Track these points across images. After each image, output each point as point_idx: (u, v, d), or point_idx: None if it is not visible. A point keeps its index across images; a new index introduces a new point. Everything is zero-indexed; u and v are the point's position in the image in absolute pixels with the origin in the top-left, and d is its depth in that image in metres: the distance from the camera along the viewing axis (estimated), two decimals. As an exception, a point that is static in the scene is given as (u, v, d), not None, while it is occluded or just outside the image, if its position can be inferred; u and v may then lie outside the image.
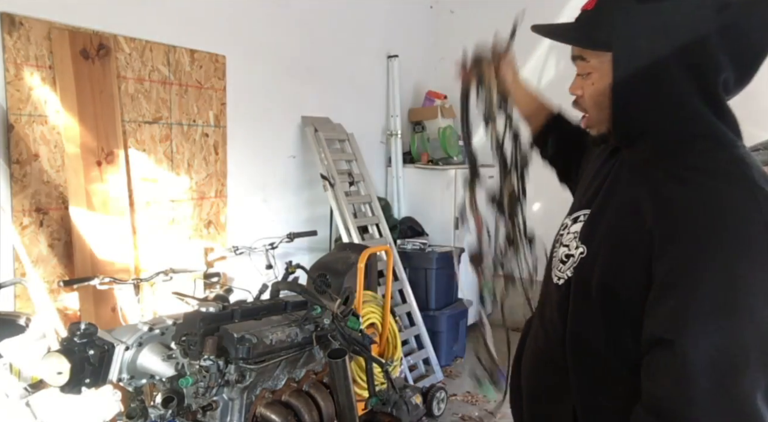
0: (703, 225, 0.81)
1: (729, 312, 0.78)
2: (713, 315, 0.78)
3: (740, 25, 0.85)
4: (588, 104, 1.01)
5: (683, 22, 0.86)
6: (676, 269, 0.82)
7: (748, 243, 0.79)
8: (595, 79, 0.96)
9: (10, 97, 2.47)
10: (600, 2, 0.95)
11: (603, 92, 0.96)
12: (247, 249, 3.32)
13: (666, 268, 0.83)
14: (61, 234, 2.68)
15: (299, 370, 1.42)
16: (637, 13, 0.88)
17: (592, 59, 0.96)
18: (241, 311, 1.37)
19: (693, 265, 0.80)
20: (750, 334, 0.77)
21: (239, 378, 1.24)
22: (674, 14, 0.86)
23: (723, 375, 0.77)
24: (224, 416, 1.26)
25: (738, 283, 0.78)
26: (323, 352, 1.43)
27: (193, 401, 1.26)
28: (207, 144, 3.37)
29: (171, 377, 1.32)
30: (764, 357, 0.77)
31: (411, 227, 4.60)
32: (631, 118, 0.95)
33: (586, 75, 0.99)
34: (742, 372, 0.77)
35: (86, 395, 1.32)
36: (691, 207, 0.83)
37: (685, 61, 0.87)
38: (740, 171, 0.86)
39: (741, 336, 0.78)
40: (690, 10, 0.86)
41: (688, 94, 0.90)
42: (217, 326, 1.29)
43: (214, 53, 3.36)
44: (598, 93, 0.97)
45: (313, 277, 1.49)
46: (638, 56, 0.89)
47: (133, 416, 1.28)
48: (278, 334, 1.30)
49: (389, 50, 4.82)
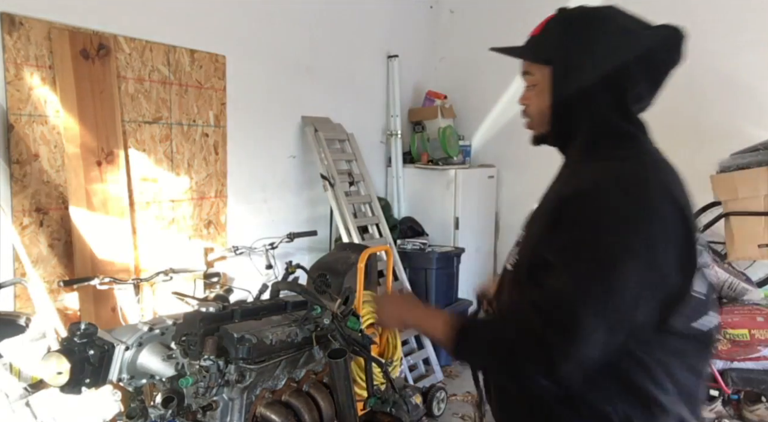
0: (594, 195, 1.03)
1: (608, 260, 0.97)
2: (596, 258, 0.98)
3: (651, 50, 1.10)
4: (532, 111, 1.23)
5: (607, 47, 1.10)
6: (574, 215, 1.03)
7: (633, 215, 0.99)
8: (539, 90, 1.19)
9: (10, 97, 2.47)
10: (545, 29, 1.18)
11: (544, 100, 1.18)
12: (247, 249, 3.32)
13: (567, 216, 1.03)
14: (61, 234, 2.68)
15: (299, 370, 1.42)
16: (572, 37, 1.13)
17: (536, 73, 1.19)
18: (241, 311, 1.37)
19: (586, 217, 1.01)
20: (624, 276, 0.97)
21: (239, 378, 1.24)
22: (601, 41, 1.10)
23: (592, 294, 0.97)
24: (224, 416, 1.26)
25: (620, 238, 0.98)
26: (323, 352, 1.43)
27: (193, 401, 1.26)
28: (207, 144, 3.37)
29: (171, 377, 1.32)
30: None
31: (411, 227, 4.60)
32: (563, 122, 1.18)
33: (532, 87, 1.21)
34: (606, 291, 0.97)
35: (86, 395, 1.32)
36: (591, 180, 1.06)
37: (606, 78, 1.10)
38: (633, 157, 1.09)
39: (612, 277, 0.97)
40: (613, 38, 1.10)
41: (606, 104, 1.12)
42: (217, 326, 1.29)
43: (214, 53, 3.36)
44: (541, 101, 1.19)
45: (313, 277, 1.49)
46: (571, 71, 1.13)
47: (133, 416, 1.28)
48: (278, 334, 1.30)
49: (389, 50, 4.82)
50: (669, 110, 4.30)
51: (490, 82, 4.92)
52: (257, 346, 1.24)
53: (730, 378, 3.22)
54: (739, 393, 3.32)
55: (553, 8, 1.22)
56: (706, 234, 3.80)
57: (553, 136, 1.22)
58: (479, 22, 5.17)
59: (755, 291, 3.50)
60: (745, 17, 3.97)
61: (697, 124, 4.13)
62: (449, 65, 5.34)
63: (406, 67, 4.94)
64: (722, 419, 3.32)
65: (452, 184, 4.58)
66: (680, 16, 4.90)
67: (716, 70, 4.04)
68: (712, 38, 4.07)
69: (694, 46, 4.99)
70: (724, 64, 4.02)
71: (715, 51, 4.05)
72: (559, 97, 1.15)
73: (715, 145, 3.99)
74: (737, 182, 3.48)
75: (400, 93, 4.84)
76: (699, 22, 4.13)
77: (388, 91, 4.86)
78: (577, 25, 1.14)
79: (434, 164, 4.73)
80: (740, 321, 3.27)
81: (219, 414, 1.25)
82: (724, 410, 3.33)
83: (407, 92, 5.09)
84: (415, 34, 5.22)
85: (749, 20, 3.96)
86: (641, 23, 1.13)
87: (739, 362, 3.23)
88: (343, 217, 3.90)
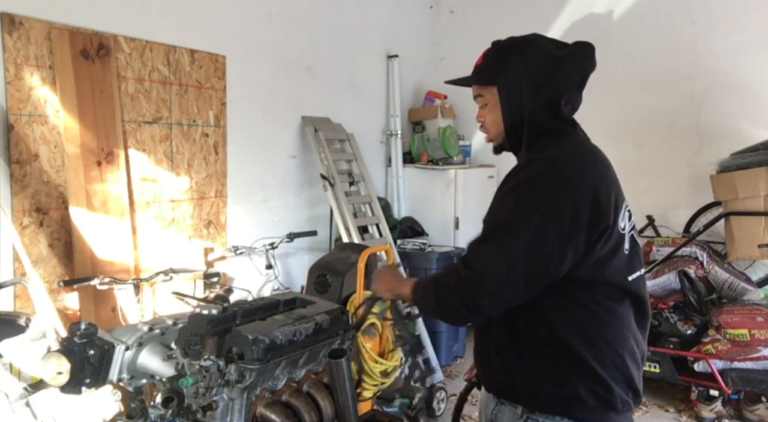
0: (517, 170, 1.31)
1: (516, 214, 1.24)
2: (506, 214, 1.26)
3: (566, 65, 1.35)
4: (489, 125, 1.48)
5: (535, 66, 1.36)
6: (502, 186, 1.31)
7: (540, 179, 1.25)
8: (490, 107, 1.45)
9: (10, 97, 2.47)
10: (485, 59, 1.45)
11: (497, 114, 1.44)
12: (247, 249, 3.32)
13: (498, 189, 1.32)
14: (61, 234, 2.68)
15: (299, 370, 1.42)
16: (508, 60, 1.40)
17: (486, 94, 1.45)
18: (242, 311, 1.37)
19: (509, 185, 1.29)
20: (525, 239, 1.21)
21: (239, 378, 1.24)
22: (529, 62, 1.37)
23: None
24: (224, 416, 1.26)
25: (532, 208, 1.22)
26: (323, 352, 1.43)
27: (193, 401, 1.26)
28: (207, 144, 3.37)
29: (171, 377, 1.32)
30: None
31: (411, 227, 4.60)
32: (516, 128, 1.41)
33: (484, 106, 1.47)
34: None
35: (86, 395, 1.32)
36: (523, 161, 1.35)
37: (539, 90, 1.36)
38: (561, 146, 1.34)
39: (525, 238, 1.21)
40: (538, 59, 1.36)
41: (542, 109, 1.36)
42: (223, 328, 1.29)
43: (214, 53, 3.36)
44: (494, 115, 1.45)
45: (314, 277, 1.49)
46: (511, 87, 1.39)
47: (133, 416, 1.28)
48: (286, 333, 1.31)
49: (389, 50, 4.82)
50: (669, 110, 4.34)
51: (490, 82, 4.92)
52: (270, 346, 1.25)
53: (730, 378, 3.21)
54: (739, 393, 3.31)
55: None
56: (705, 234, 3.80)
57: (509, 142, 1.46)
58: (479, 22, 5.17)
59: (755, 291, 3.50)
60: (745, 17, 3.97)
61: (697, 124, 4.13)
62: (449, 65, 5.34)
63: (406, 67, 4.95)
64: (722, 419, 3.32)
65: (452, 183, 4.58)
66: (680, 16, 4.92)
67: (716, 70, 4.04)
68: (712, 38, 4.07)
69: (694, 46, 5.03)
70: (724, 64, 4.02)
71: (715, 51, 4.05)
72: (508, 108, 1.41)
73: (715, 145, 3.99)
74: (737, 182, 3.48)
75: (400, 93, 4.84)
76: (699, 22, 4.15)
77: (388, 91, 4.86)
78: (509, 51, 1.41)
79: (434, 164, 4.73)
80: (740, 321, 3.27)
81: (219, 414, 1.25)
82: (724, 410, 3.32)
83: (407, 92, 5.10)
84: (415, 34, 5.22)
85: (749, 20, 3.96)
86: (560, 43, 1.40)
87: (739, 362, 3.23)
88: (343, 217, 3.90)
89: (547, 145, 1.34)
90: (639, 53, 4.34)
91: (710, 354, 3.26)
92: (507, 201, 1.28)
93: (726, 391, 3.25)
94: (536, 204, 1.22)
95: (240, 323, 1.35)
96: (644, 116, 4.33)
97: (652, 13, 4.27)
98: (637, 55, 4.34)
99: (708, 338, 3.35)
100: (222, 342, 1.27)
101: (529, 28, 1.39)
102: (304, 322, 1.37)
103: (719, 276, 3.57)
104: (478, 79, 1.47)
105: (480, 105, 1.50)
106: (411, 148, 4.96)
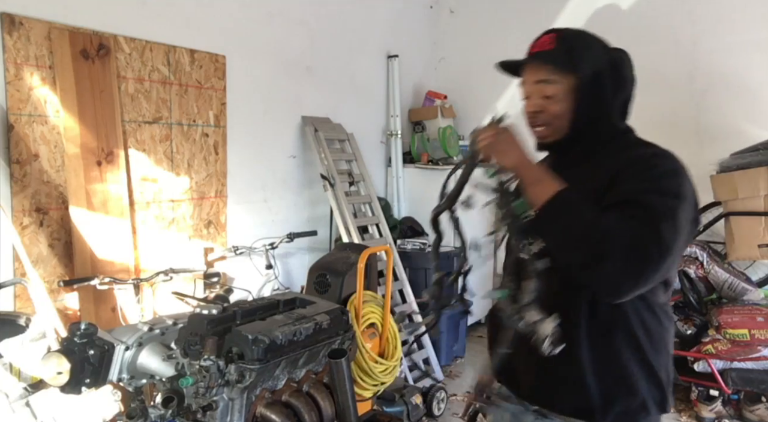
0: (656, 162, 1.20)
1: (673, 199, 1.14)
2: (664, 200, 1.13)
3: (632, 67, 1.32)
4: (551, 118, 1.29)
5: (620, 61, 1.29)
6: (638, 177, 1.17)
7: (681, 172, 1.19)
8: (561, 96, 1.27)
9: (10, 97, 2.47)
10: (562, 44, 1.27)
11: (568, 106, 1.27)
12: (247, 249, 3.32)
13: (631, 174, 1.18)
14: (61, 234, 2.68)
15: (299, 370, 1.42)
16: (594, 49, 1.28)
17: (559, 82, 1.26)
18: (242, 311, 1.37)
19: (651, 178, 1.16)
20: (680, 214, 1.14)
21: (239, 378, 1.24)
22: (615, 56, 1.30)
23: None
24: (224, 416, 1.26)
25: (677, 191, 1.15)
26: (323, 352, 1.43)
27: (193, 401, 1.26)
28: (207, 144, 3.37)
29: (171, 377, 1.32)
30: None
31: (411, 227, 4.60)
32: (584, 126, 1.28)
33: (552, 96, 1.27)
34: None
35: (86, 395, 1.32)
36: (648, 152, 1.24)
37: (622, 87, 1.29)
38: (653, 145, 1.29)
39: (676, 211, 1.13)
40: (618, 56, 1.30)
41: (617, 108, 1.30)
42: (223, 328, 1.29)
43: (214, 53, 3.36)
44: (563, 106, 1.27)
45: (314, 277, 1.49)
46: (597, 79, 1.26)
47: (133, 416, 1.28)
48: (286, 333, 1.31)
49: (389, 50, 4.82)
50: (669, 110, 4.33)
51: (490, 82, 4.92)
52: (270, 346, 1.25)
53: (730, 378, 3.21)
54: (739, 393, 3.31)
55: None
56: (705, 234, 3.80)
57: (568, 140, 1.30)
58: (479, 22, 5.17)
59: (755, 291, 3.50)
60: (745, 17, 3.97)
61: (697, 124, 4.13)
62: (449, 65, 5.34)
63: (406, 67, 4.94)
64: (722, 419, 3.32)
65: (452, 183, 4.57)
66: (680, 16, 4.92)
67: (716, 70, 4.04)
68: (712, 38, 4.07)
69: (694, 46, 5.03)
70: (724, 64, 4.02)
71: (715, 51, 4.05)
72: (588, 101, 1.26)
73: (715, 145, 3.99)
74: (737, 182, 3.48)
75: (400, 93, 4.84)
76: (699, 22, 4.15)
77: (388, 91, 4.86)
78: (593, 40, 1.29)
79: (434, 164, 4.73)
80: (740, 321, 3.27)
81: (219, 414, 1.25)
82: (724, 410, 3.32)
83: (407, 92, 5.09)
84: (415, 34, 5.22)
85: (749, 20, 3.96)
86: None
87: (739, 362, 3.23)
88: (343, 217, 3.90)
89: (639, 141, 1.30)
90: (639, 53, 4.32)
91: (710, 354, 3.27)
92: (671, 185, 1.15)
93: (726, 391, 3.25)
94: (683, 190, 1.16)
95: (240, 323, 1.35)
96: (644, 116, 4.31)
97: (652, 13, 4.27)
98: (637, 54, 4.32)
99: (708, 338, 3.35)
100: (222, 342, 1.27)
101: (529, 28, 1.33)
102: (304, 322, 1.37)
103: (719, 276, 3.57)
104: (557, 63, 1.26)
105: (543, 94, 1.29)
106: (411, 148, 4.96)
